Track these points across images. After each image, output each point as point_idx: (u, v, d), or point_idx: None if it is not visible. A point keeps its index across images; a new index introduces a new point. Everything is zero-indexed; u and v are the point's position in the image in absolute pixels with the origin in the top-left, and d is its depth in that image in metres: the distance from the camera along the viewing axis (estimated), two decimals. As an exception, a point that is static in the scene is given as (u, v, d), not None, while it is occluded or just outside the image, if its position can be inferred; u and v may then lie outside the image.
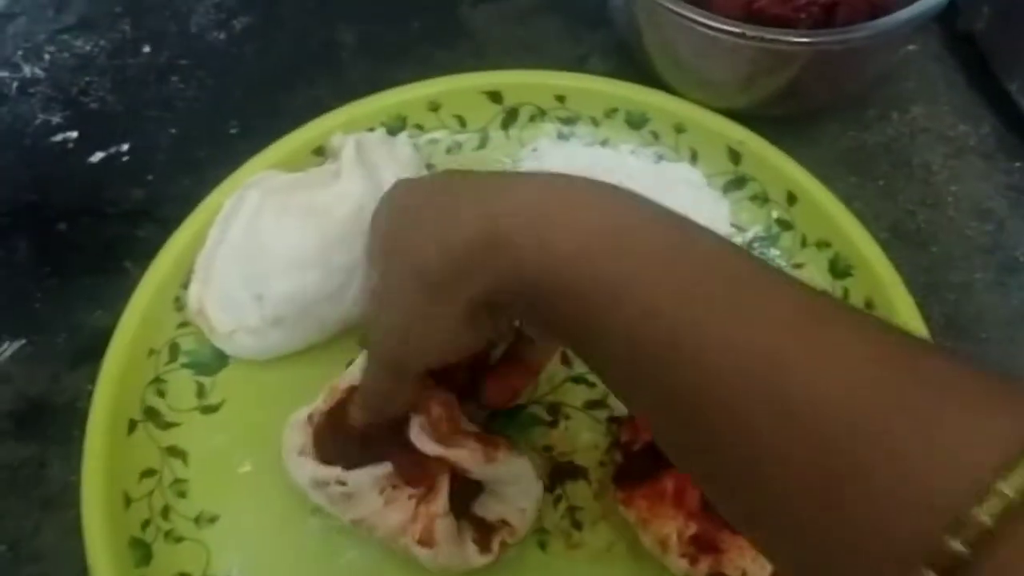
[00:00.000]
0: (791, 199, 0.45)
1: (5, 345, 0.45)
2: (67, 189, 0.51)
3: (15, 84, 0.56)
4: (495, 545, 0.36)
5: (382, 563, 0.38)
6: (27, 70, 0.56)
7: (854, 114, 0.51)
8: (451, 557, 0.35)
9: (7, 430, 0.43)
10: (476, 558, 0.36)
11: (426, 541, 0.34)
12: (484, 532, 0.36)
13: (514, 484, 0.37)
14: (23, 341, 0.46)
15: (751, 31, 0.41)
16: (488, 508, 0.36)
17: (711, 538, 0.36)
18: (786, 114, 0.49)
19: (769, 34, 0.41)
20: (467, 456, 0.35)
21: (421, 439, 0.35)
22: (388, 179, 0.44)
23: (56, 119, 0.54)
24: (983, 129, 0.51)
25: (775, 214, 0.46)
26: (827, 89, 0.48)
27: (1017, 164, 0.49)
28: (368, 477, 0.36)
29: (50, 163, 0.52)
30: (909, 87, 0.53)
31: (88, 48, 0.57)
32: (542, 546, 0.38)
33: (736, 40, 0.42)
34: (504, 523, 0.36)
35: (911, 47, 0.53)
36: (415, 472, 0.35)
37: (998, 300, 0.45)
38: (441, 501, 0.35)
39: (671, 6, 0.42)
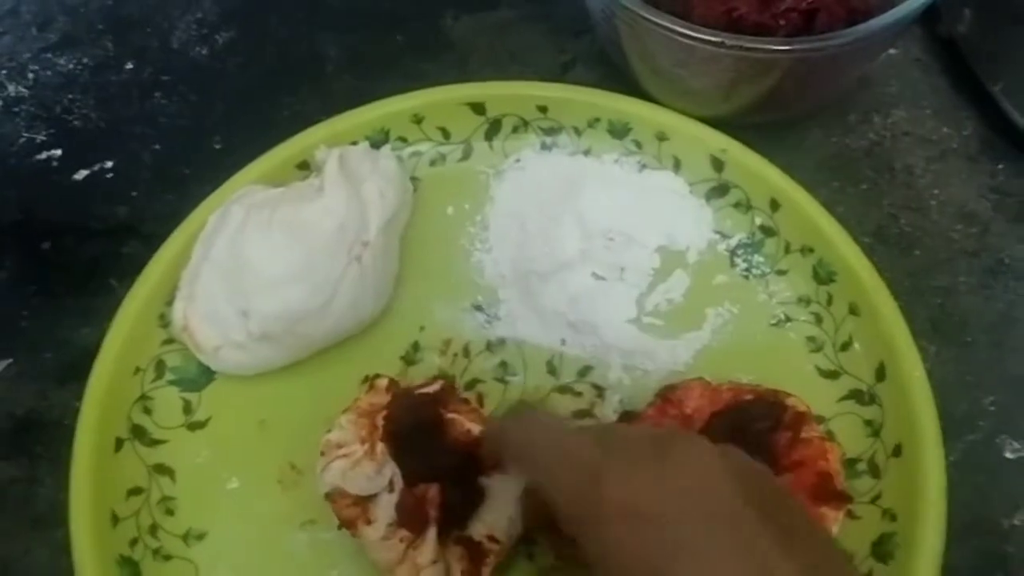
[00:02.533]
0: (774, 205, 0.46)
1: (-9, 365, 0.46)
2: (52, 207, 0.51)
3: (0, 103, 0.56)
4: (485, 573, 0.36)
5: (370, 572, 0.37)
6: (11, 89, 0.56)
7: (836, 119, 0.52)
8: None
9: (-6, 450, 0.43)
10: None
11: None
12: (474, 556, 0.35)
13: (500, 493, 0.37)
14: (9, 360, 0.46)
15: (730, 40, 0.41)
16: (476, 526, 0.36)
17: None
18: (768, 121, 0.49)
19: (748, 42, 0.41)
20: None
21: None
22: (372, 192, 0.44)
23: (40, 137, 0.54)
24: (965, 131, 0.51)
25: (758, 221, 0.46)
26: (808, 95, 0.48)
27: (1000, 166, 0.50)
28: (385, 503, 0.36)
29: (34, 181, 0.52)
30: (891, 91, 0.53)
31: (71, 66, 0.57)
32: (530, 557, 0.38)
33: (715, 49, 0.42)
34: (491, 539, 0.36)
35: (892, 51, 0.53)
36: (409, 515, 0.35)
37: (982, 303, 0.45)
38: (428, 550, 0.34)
39: (650, 16, 0.42)
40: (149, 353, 0.43)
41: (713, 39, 0.41)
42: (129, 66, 0.58)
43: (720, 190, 0.47)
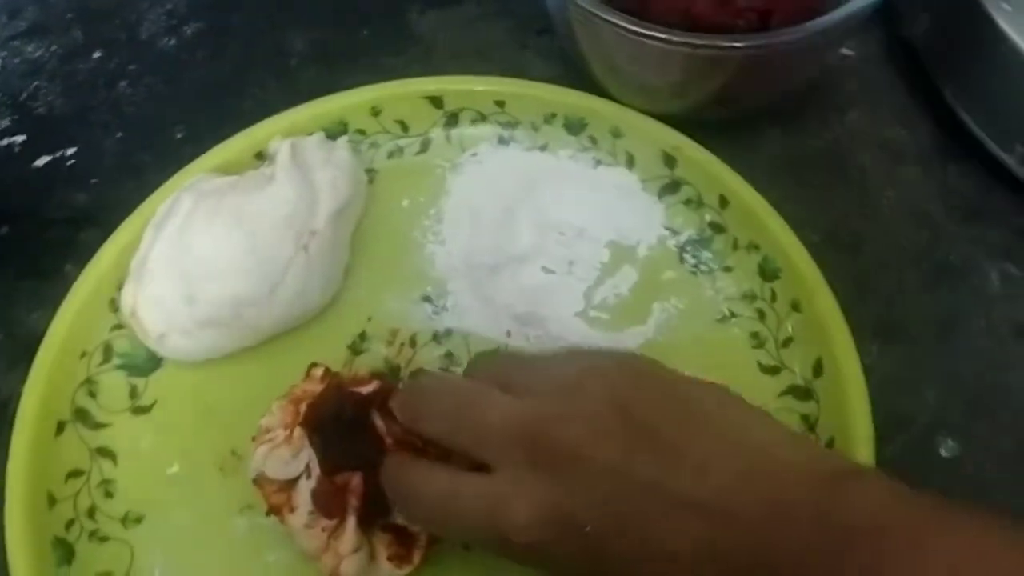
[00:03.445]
0: (723, 203, 0.46)
1: (-58, 347, 0.46)
2: (11, 192, 0.52)
3: (-37, 88, 0.56)
4: (416, 556, 0.36)
5: (304, 565, 0.38)
6: (-25, 74, 0.57)
7: (793, 119, 0.52)
8: None
9: (-61, 431, 0.43)
10: (395, 573, 0.36)
11: None
12: (404, 542, 0.36)
13: None
14: (-40, 342, 0.46)
15: (677, 36, 0.41)
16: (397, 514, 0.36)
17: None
18: (723, 118, 0.50)
19: (697, 39, 0.42)
20: None
21: None
22: (323, 182, 0.44)
23: (3, 123, 0.55)
24: (920, 134, 0.52)
25: (708, 217, 0.47)
26: (761, 93, 0.48)
27: (952, 168, 0.50)
28: (303, 490, 0.36)
29: (-5, 167, 0.53)
30: (848, 92, 0.53)
31: (39, 54, 0.58)
32: (466, 546, 0.38)
33: (664, 46, 0.42)
34: None
35: (850, 52, 0.54)
36: (326, 503, 0.35)
37: (927, 304, 0.46)
38: (348, 539, 0.34)
39: (601, 14, 0.43)
40: (97, 337, 0.43)
41: (661, 35, 0.42)
42: (97, 55, 0.58)
43: (672, 187, 0.48)
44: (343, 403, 0.36)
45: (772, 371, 0.42)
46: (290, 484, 0.36)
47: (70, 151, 0.53)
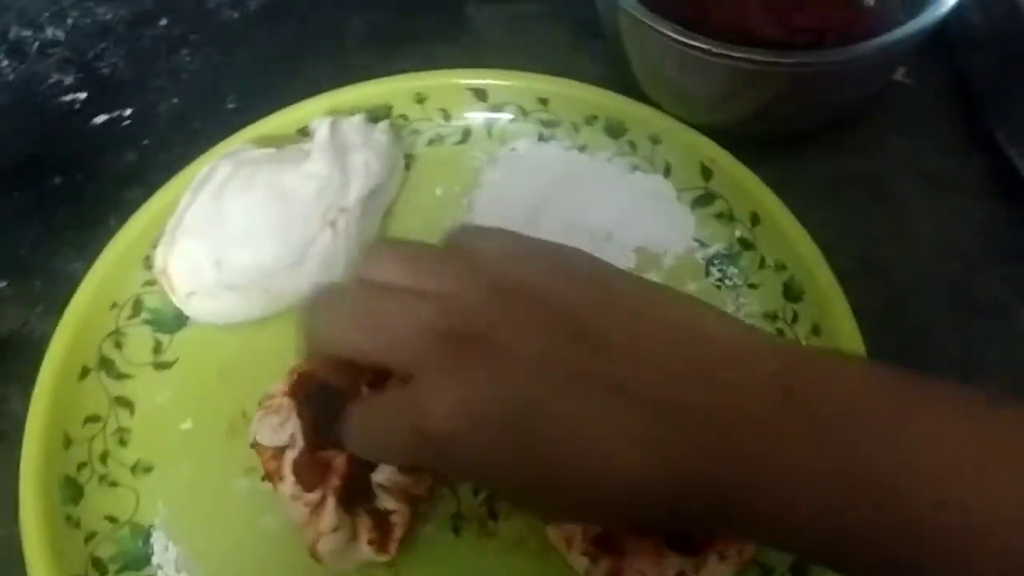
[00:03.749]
0: (754, 219, 0.45)
1: (-14, 285, 0.48)
2: (68, 146, 0.54)
3: (36, 44, 0.59)
4: (392, 546, 0.36)
5: (296, 533, 0.38)
6: (49, 32, 0.59)
7: (837, 141, 0.51)
8: (344, 563, 0.36)
9: (-26, 365, 0.45)
10: (374, 558, 0.36)
11: (313, 555, 0.35)
12: (383, 527, 0.36)
13: None
14: (4, 283, 0.48)
15: (718, 47, 0.41)
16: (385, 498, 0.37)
17: (613, 540, 0.36)
18: (766, 135, 0.49)
19: (737, 52, 0.41)
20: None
21: None
22: (357, 162, 0.45)
23: (68, 80, 0.57)
24: (968, 170, 0.50)
25: (738, 233, 0.46)
26: (806, 113, 0.48)
27: (995, 207, 0.49)
28: (288, 459, 0.37)
29: (56, 120, 0.55)
30: (899, 119, 0.52)
31: (109, 16, 0.60)
32: (456, 531, 0.39)
33: (706, 57, 0.42)
34: (401, 494, 0.36)
35: (906, 80, 0.53)
36: (305, 475, 0.35)
37: (957, 339, 0.44)
38: (327, 517, 0.35)
39: (645, 19, 0.43)
40: (129, 291, 0.45)
41: (703, 46, 0.41)
42: (163, 22, 0.60)
43: (706, 199, 0.47)
44: (334, 375, 0.36)
45: (785, 393, 0.42)
46: (281, 452, 0.36)
47: (127, 112, 0.55)
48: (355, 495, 0.36)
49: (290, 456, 0.36)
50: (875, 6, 0.50)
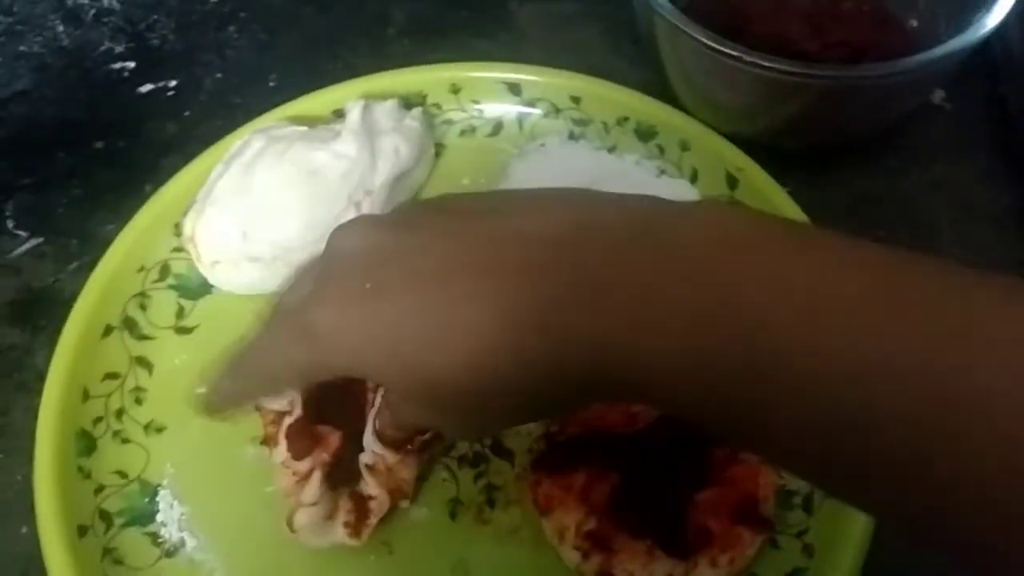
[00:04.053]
0: (777, 232, 0.45)
1: (24, 240, 0.50)
2: (113, 112, 0.55)
3: (92, 12, 0.60)
4: (365, 533, 0.37)
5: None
6: (105, 1, 0.61)
7: (871, 161, 0.51)
8: (316, 540, 0.36)
9: (5, 315, 0.47)
10: (345, 541, 0.37)
11: (289, 524, 0.36)
12: (361, 512, 0.37)
13: None
14: (40, 240, 0.50)
15: (750, 56, 0.41)
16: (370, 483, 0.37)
17: (607, 537, 0.36)
18: (796, 148, 0.49)
19: (769, 62, 0.41)
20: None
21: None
22: (387, 146, 0.46)
23: (119, 48, 0.59)
24: (1003, 199, 0.49)
25: (760, 244, 0.46)
26: (836, 128, 0.47)
27: (1031, 240, 0.48)
28: (284, 425, 0.38)
29: (104, 87, 0.57)
30: (935, 142, 0.51)
31: (164, -11, 0.62)
32: (452, 515, 0.39)
33: (738, 65, 0.42)
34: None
35: (945, 103, 0.52)
36: (296, 443, 0.36)
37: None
38: (310, 491, 0.36)
39: (680, 24, 0.43)
40: (157, 255, 0.46)
41: (733, 53, 0.41)
42: (214, -1, 0.62)
43: (730, 208, 0.47)
44: None
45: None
46: (280, 417, 0.37)
47: (172, 83, 0.57)
48: (342, 475, 0.36)
49: (286, 422, 0.37)
50: (918, 27, 0.50)
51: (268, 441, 0.38)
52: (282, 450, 0.37)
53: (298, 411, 0.37)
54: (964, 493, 0.21)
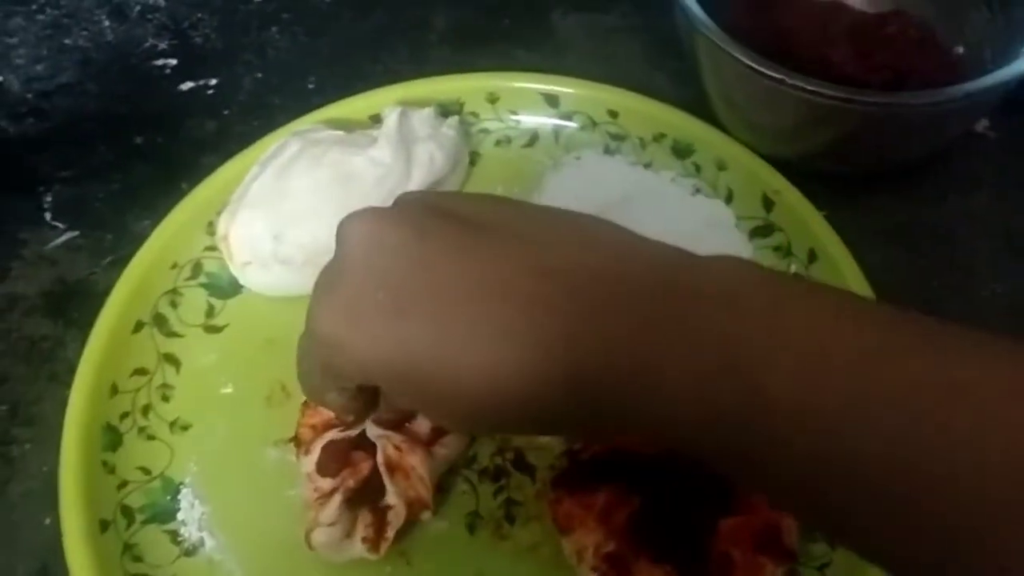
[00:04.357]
0: (812, 256, 0.45)
1: (61, 232, 0.50)
2: (153, 108, 0.56)
3: (137, 8, 0.61)
4: (383, 547, 0.37)
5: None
6: (152, -2, 0.62)
7: (910, 187, 0.50)
8: (335, 556, 0.37)
9: (39, 307, 0.47)
10: (364, 555, 0.37)
11: (307, 540, 0.36)
12: (379, 526, 0.36)
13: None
14: (76, 233, 0.50)
15: (792, 79, 0.41)
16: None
17: (625, 561, 0.36)
18: (834, 172, 0.48)
19: (812, 85, 0.41)
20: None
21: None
22: (422, 154, 0.46)
23: (162, 45, 0.59)
24: (1046, 233, 0.48)
25: (793, 268, 0.45)
26: (877, 154, 0.47)
27: (1074, 276, 0.47)
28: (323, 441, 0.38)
29: (146, 83, 0.57)
30: (977, 171, 0.50)
31: (209, -12, 0.62)
32: (471, 529, 0.39)
33: (779, 87, 0.41)
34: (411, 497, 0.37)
35: (990, 132, 0.51)
36: (330, 462, 0.36)
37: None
38: (329, 511, 0.36)
39: (722, 44, 0.42)
40: (190, 253, 0.46)
41: (775, 75, 0.41)
42: (258, -1, 0.62)
43: (765, 230, 0.47)
44: None
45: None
46: (323, 428, 0.37)
47: (212, 81, 0.57)
48: (364, 497, 0.36)
49: (327, 436, 0.37)
50: (964, 53, 0.49)
51: (298, 442, 0.38)
52: (311, 461, 0.37)
53: (354, 432, 0.37)
54: (964, 542, 0.22)
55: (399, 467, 0.37)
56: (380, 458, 0.36)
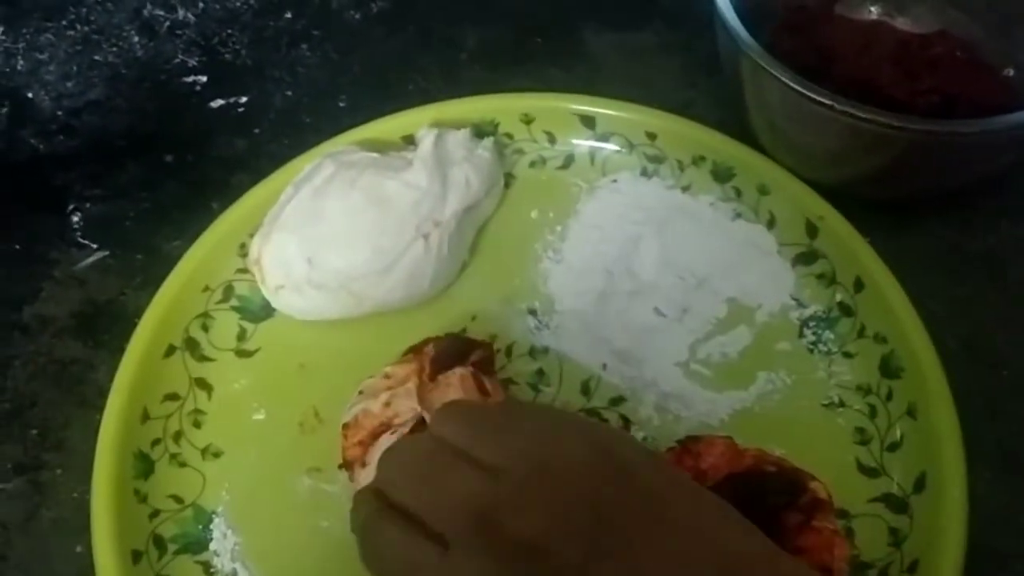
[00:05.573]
0: (858, 285, 0.43)
1: (91, 252, 0.50)
2: (183, 126, 0.56)
3: (167, 24, 0.61)
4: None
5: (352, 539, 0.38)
6: (180, 13, 0.61)
7: (958, 213, 0.49)
8: None
9: (69, 328, 0.47)
10: None
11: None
12: None
13: None
14: (106, 253, 0.50)
15: (841, 105, 0.40)
16: None
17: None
18: (881, 199, 0.47)
19: (861, 112, 0.40)
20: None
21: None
22: (458, 177, 0.45)
23: (192, 62, 0.59)
24: (1098, 261, 0.47)
25: (839, 297, 0.44)
26: (925, 181, 0.45)
27: None
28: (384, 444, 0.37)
29: (175, 100, 0.57)
30: (1025, 199, 0.49)
31: (237, 4, 0.62)
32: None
33: (827, 112, 0.40)
34: None
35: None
36: None
37: (1062, 442, 0.42)
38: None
39: (767, 65, 0.41)
40: (222, 276, 0.46)
41: (824, 100, 0.40)
42: (288, 15, 0.62)
43: (808, 257, 0.46)
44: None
45: (871, 473, 0.39)
46: (372, 439, 0.36)
47: (243, 99, 0.57)
48: None
49: (382, 442, 0.36)
50: (1013, 76, 0.48)
51: (349, 465, 0.37)
52: (369, 473, 0.36)
53: (406, 428, 0.36)
54: None
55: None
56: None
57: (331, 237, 0.43)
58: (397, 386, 0.39)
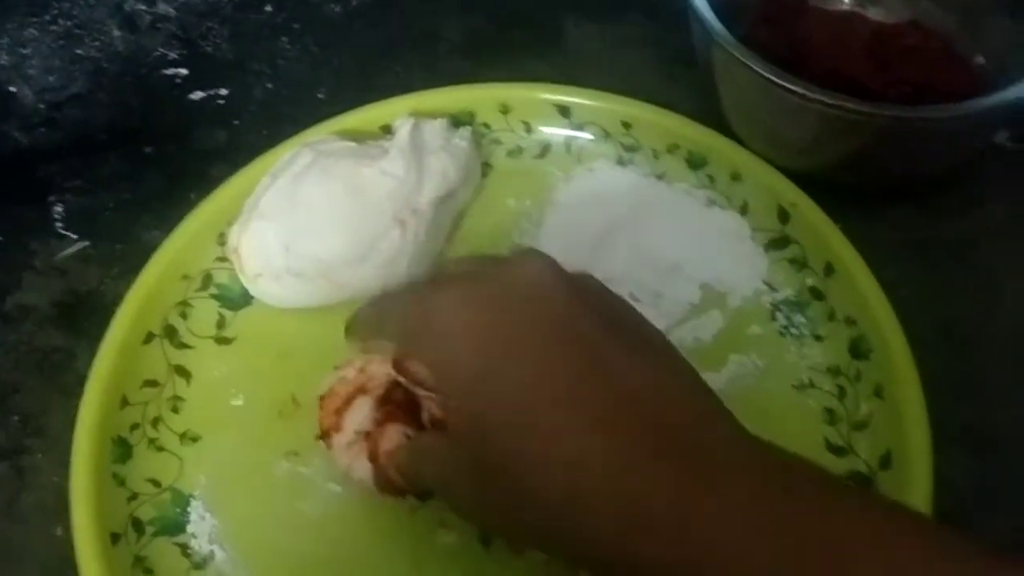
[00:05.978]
0: (828, 270, 0.44)
1: (71, 243, 0.50)
2: (163, 118, 0.56)
3: (148, 18, 0.61)
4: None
5: (331, 517, 0.39)
6: (161, 7, 0.62)
7: (928, 199, 0.49)
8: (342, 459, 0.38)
9: (50, 318, 0.47)
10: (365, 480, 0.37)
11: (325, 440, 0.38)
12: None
13: None
14: (87, 243, 0.50)
15: (813, 93, 0.40)
16: None
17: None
18: (852, 185, 0.48)
19: (832, 99, 0.40)
20: None
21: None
22: (434, 166, 0.45)
23: (173, 55, 0.59)
24: (1068, 247, 0.48)
25: (810, 281, 0.45)
26: (896, 168, 0.46)
27: (1097, 290, 0.46)
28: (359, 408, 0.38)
29: (156, 93, 0.57)
30: (996, 184, 0.50)
31: (219, -2, 0.62)
32: (485, 543, 0.39)
33: (799, 100, 0.41)
34: None
35: (1009, 143, 0.51)
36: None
37: (1027, 424, 0.42)
38: (390, 436, 0.36)
39: (739, 55, 0.42)
40: (201, 265, 0.46)
41: (795, 89, 0.40)
42: (268, 8, 0.62)
43: (780, 242, 0.46)
44: None
45: (838, 451, 0.40)
46: (346, 405, 0.37)
47: (223, 91, 0.57)
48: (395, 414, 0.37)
49: (356, 404, 0.37)
50: (984, 64, 0.49)
51: (325, 434, 0.38)
52: (348, 432, 0.37)
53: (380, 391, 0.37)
54: None
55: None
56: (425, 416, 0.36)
57: (309, 225, 0.43)
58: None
